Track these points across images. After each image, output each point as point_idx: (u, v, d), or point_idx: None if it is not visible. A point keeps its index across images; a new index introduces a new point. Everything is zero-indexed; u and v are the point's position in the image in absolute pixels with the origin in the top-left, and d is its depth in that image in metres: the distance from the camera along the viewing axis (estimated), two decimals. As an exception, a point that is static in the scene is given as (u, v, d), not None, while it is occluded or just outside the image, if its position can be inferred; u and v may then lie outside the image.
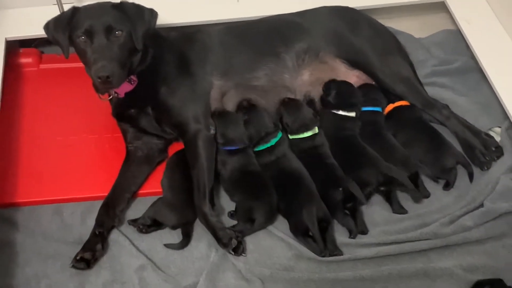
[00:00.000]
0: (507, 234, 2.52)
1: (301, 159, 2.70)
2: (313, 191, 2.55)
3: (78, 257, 2.42)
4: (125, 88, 2.63)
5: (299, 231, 2.49)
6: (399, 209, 2.60)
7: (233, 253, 2.44)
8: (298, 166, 2.67)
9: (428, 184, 2.70)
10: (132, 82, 2.64)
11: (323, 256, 2.43)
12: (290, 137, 2.78)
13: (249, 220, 2.53)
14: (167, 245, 2.52)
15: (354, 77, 2.97)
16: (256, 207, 2.53)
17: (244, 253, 2.47)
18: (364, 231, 2.53)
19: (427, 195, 2.64)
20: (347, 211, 2.55)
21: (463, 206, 2.61)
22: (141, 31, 2.53)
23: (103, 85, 2.45)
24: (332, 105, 2.84)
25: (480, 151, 2.76)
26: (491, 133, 2.87)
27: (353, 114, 2.84)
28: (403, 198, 2.65)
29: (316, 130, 2.77)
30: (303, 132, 2.75)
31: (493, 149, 2.78)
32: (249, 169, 2.65)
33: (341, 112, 2.83)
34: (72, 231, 2.59)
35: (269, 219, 2.56)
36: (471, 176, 2.71)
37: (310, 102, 2.93)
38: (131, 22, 2.51)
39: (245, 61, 2.87)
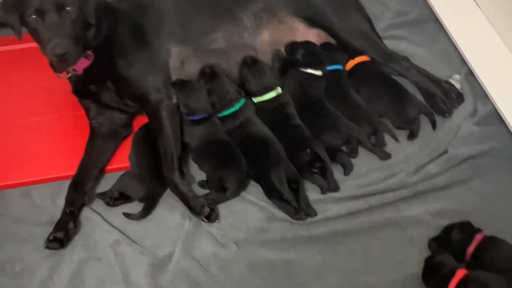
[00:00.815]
0: (472, 178, 2.57)
1: (267, 122, 2.69)
2: (280, 153, 2.56)
3: (51, 238, 2.41)
4: (83, 64, 2.59)
5: (273, 195, 2.50)
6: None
7: (206, 220, 2.45)
8: (263, 129, 2.67)
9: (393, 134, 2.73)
10: (89, 58, 2.59)
11: (299, 219, 2.45)
12: (255, 100, 2.77)
13: (221, 189, 2.54)
14: (126, 215, 2.51)
15: (314, 36, 2.96)
16: (227, 176, 2.54)
17: (218, 220, 2.49)
18: (336, 189, 2.55)
19: (387, 157, 2.66)
20: (316, 170, 2.57)
21: (428, 154, 2.65)
22: (92, 4, 2.48)
23: (59, 63, 2.42)
24: (301, 64, 2.84)
25: (441, 99, 2.80)
26: (451, 81, 2.90)
27: (320, 72, 2.84)
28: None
29: (279, 90, 2.77)
30: (265, 93, 2.75)
31: (454, 96, 2.82)
32: (215, 137, 2.65)
33: (309, 70, 2.83)
34: (43, 212, 2.56)
35: (241, 186, 2.57)
36: (434, 124, 2.75)
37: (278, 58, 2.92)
38: None
39: (201, 25, 2.83)
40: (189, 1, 2.89)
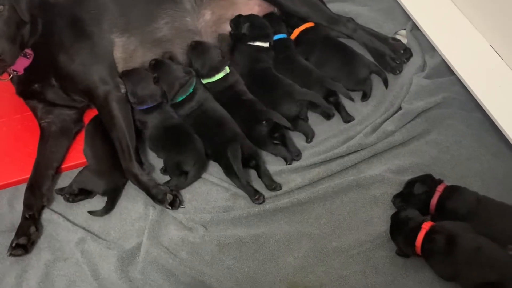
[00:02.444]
0: (428, 131, 2.60)
1: (219, 102, 2.67)
2: (235, 130, 2.54)
3: (13, 244, 2.36)
4: (23, 63, 2.52)
5: (232, 173, 2.48)
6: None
7: (170, 207, 2.43)
8: (217, 107, 2.65)
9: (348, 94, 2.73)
10: (28, 56, 2.53)
11: (256, 201, 2.44)
12: (203, 81, 2.74)
13: (181, 173, 2.51)
14: (91, 212, 2.48)
15: (256, 7, 2.95)
16: (184, 160, 2.51)
17: (182, 205, 2.47)
18: (298, 155, 2.56)
19: (350, 119, 2.67)
20: (276, 141, 2.57)
21: (383, 112, 2.67)
22: (24, 2, 2.42)
23: None
24: (247, 38, 2.81)
25: (390, 57, 2.82)
26: (397, 37, 2.92)
27: (267, 44, 2.82)
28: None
29: (227, 70, 2.74)
30: (214, 75, 2.72)
31: (402, 52, 2.84)
32: (168, 123, 2.61)
33: (257, 43, 2.81)
34: (2, 219, 2.52)
35: (201, 168, 2.55)
36: (385, 82, 2.76)
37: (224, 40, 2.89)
38: None
39: (142, 13, 2.77)
40: None
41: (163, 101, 2.66)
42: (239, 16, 2.87)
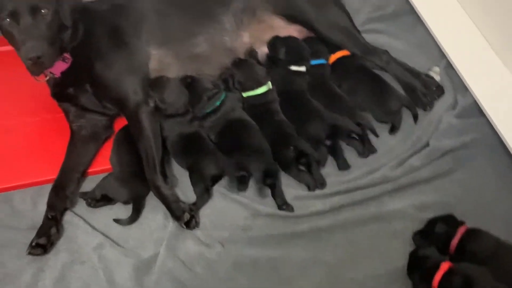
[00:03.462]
0: (453, 170, 2.58)
1: (252, 115, 2.70)
2: (260, 145, 2.56)
3: (33, 244, 2.38)
4: (60, 67, 2.56)
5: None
6: (344, 165, 2.61)
7: (185, 227, 2.44)
8: (243, 120, 2.68)
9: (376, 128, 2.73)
10: (66, 60, 2.57)
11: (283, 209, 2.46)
12: (244, 95, 2.76)
13: (206, 190, 2.53)
14: (116, 221, 2.50)
15: (295, 32, 2.96)
16: (206, 165, 2.55)
17: (197, 227, 2.46)
18: (322, 184, 2.55)
19: (373, 151, 2.66)
20: (303, 168, 2.57)
21: (410, 147, 2.66)
22: (67, 7, 2.47)
23: (35, 66, 2.40)
24: (283, 62, 2.83)
25: (422, 92, 2.81)
26: (431, 73, 2.91)
27: (303, 68, 2.84)
28: (351, 147, 2.69)
29: (270, 85, 2.77)
30: (256, 88, 2.75)
31: (434, 88, 2.83)
32: (188, 132, 2.65)
33: (292, 67, 2.83)
34: (24, 217, 2.54)
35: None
36: (415, 117, 2.76)
37: (252, 54, 2.91)
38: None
39: (182, 27, 2.81)
40: (169, 3, 2.86)
41: (189, 110, 2.69)
42: (277, 37, 2.90)
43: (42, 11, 2.40)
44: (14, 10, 2.37)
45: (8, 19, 2.38)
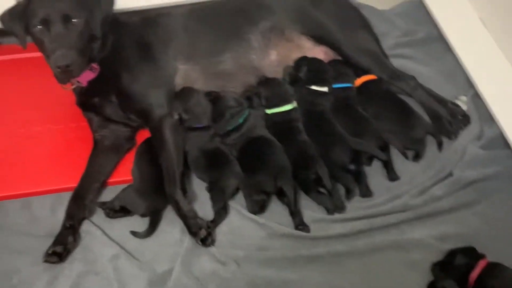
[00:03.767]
0: (476, 202, 2.54)
1: (274, 135, 2.69)
2: (281, 163, 2.55)
3: (49, 251, 2.39)
4: (87, 76, 2.58)
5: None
6: (366, 192, 2.59)
7: (200, 243, 2.42)
8: (268, 136, 2.68)
9: (398, 155, 2.70)
10: (94, 70, 2.59)
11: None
12: (268, 111, 2.76)
13: (223, 207, 2.53)
14: (133, 233, 2.49)
15: (322, 53, 2.96)
16: (225, 179, 2.55)
17: (213, 245, 2.45)
18: (342, 207, 2.53)
19: (396, 178, 2.63)
20: (322, 190, 2.55)
21: (432, 176, 2.63)
22: (99, 18, 2.49)
23: (63, 74, 2.42)
24: (303, 81, 2.82)
25: (448, 121, 2.78)
26: (457, 102, 2.88)
27: (325, 89, 2.83)
28: (373, 172, 2.66)
29: (295, 104, 2.77)
30: (282, 105, 2.75)
31: (460, 117, 2.80)
32: (210, 147, 2.64)
33: (313, 87, 2.82)
34: (42, 224, 2.54)
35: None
36: (440, 146, 2.72)
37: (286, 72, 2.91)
38: (88, 9, 2.46)
39: (210, 44, 2.82)
40: (198, 20, 2.88)
41: (210, 125, 2.69)
42: (302, 58, 2.89)
43: (74, 20, 2.42)
44: (46, 18, 2.40)
45: (39, 26, 2.41)
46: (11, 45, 3.15)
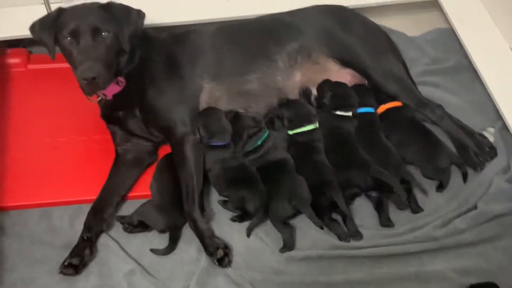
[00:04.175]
0: (500, 236, 2.49)
1: (294, 154, 2.68)
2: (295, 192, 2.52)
3: (66, 263, 2.38)
4: (113, 89, 2.59)
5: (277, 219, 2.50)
6: (386, 221, 2.54)
7: (217, 263, 2.40)
8: (286, 161, 2.65)
9: (422, 182, 2.67)
10: (120, 84, 2.60)
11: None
12: (291, 132, 2.75)
13: (242, 208, 2.54)
14: (153, 250, 2.48)
15: (348, 76, 2.94)
16: (248, 196, 2.53)
17: (229, 266, 2.42)
18: (355, 235, 2.49)
19: (419, 211, 2.59)
20: (336, 212, 2.53)
21: (456, 207, 2.58)
22: (128, 32, 2.50)
23: (89, 86, 2.42)
24: (327, 107, 2.81)
25: (474, 152, 2.73)
26: (485, 134, 2.84)
27: (349, 113, 2.81)
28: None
29: (317, 124, 2.76)
30: (304, 125, 2.74)
31: (487, 149, 2.75)
32: (231, 164, 2.64)
33: (337, 112, 2.80)
34: (60, 235, 2.55)
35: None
36: (465, 177, 2.68)
37: (306, 93, 2.91)
38: (117, 23, 2.48)
39: (236, 63, 2.82)
40: (226, 38, 2.88)
41: (230, 143, 2.68)
42: (326, 81, 2.88)
43: (103, 33, 2.44)
44: (76, 30, 2.42)
45: (69, 38, 2.43)
46: (40, 55, 3.19)
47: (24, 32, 2.63)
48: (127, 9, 2.56)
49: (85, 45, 2.42)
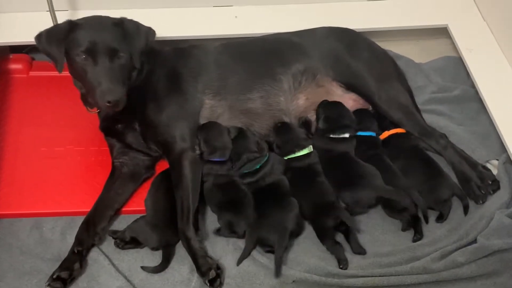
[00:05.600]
0: (498, 272, 2.44)
1: (292, 178, 2.65)
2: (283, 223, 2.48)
3: (54, 276, 2.34)
4: None
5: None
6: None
7: (208, 284, 2.34)
8: (281, 184, 2.62)
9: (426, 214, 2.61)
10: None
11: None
12: (285, 157, 2.72)
13: (232, 232, 2.50)
14: (144, 268, 2.43)
15: (351, 101, 2.91)
16: (236, 221, 2.50)
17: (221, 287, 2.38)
18: (361, 253, 2.47)
19: (419, 238, 2.55)
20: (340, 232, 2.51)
21: (456, 240, 2.52)
22: (139, 50, 2.51)
23: (110, 108, 2.41)
24: (321, 131, 2.78)
25: (476, 184, 2.69)
26: (488, 166, 2.79)
27: (346, 135, 2.77)
28: (395, 228, 2.59)
29: (311, 148, 2.72)
30: (295, 151, 2.70)
31: (490, 182, 2.70)
32: (225, 181, 2.61)
33: (331, 135, 2.77)
34: (51, 247, 2.51)
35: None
36: (466, 209, 2.63)
37: (306, 124, 2.87)
38: (131, 42, 2.49)
39: (240, 81, 2.80)
40: (231, 56, 2.86)
41: (229, 161, 2.65)
42: (321, 103, 2.84)
43: (121, 54, 2.44)
44: (92, 49, 2.41)
45: (83, 56, 2.41)
46: (43, 62, 3.17)
47: (28, 38, 2.62)
48: (139, 28, 2.57)
49: (103, 66, 2.41)
